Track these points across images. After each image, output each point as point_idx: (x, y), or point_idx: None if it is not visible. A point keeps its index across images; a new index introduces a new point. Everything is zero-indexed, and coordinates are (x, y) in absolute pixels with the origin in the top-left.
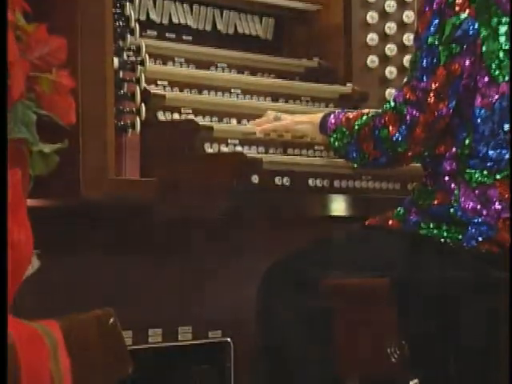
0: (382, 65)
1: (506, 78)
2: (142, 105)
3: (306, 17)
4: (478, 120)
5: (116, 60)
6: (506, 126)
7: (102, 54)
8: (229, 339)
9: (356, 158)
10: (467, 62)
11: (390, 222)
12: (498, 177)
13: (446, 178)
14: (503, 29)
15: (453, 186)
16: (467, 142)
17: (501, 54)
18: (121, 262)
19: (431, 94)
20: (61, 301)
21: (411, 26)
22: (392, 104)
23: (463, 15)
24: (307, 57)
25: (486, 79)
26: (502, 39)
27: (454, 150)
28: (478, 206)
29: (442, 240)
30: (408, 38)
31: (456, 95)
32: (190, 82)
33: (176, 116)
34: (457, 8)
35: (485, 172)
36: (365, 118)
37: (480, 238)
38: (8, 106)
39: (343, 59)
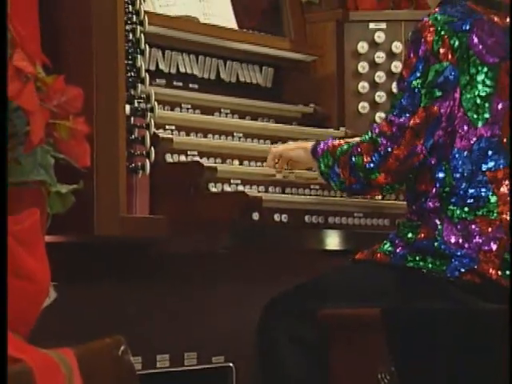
0: (372, 110)
1: (485, 120)
2: (152, 148)
3: (302, 67)
4: (458, 161)
5: (128, 107)
6: (484, 167)
7: (115, 102)
8: (231, 364)
9: (336, 182)
10: (447, 107)
11: (378, 256)
12: (478, 213)
13: (430, 215)
14: (480, 77)
15: (436, 221)
16: (447, 181)
17: (478, 100)
18: (131, 292)
19: (408, 131)
20: (75, 329)
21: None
22: (369, 135)
23: (446, 63)
24: (304, 103)
25: (465, 123)
26: (480, 87)
27: (435, 189)
28: (460, 240)
29: (428, 272)
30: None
31: (433, 136)
32: (195, 127)
33: (183, 158)
34: (440, 56)
35: (465, 209)
36: (346, 146)
37: (462, 270)
38: (28, 151)
39: (337, 105)
